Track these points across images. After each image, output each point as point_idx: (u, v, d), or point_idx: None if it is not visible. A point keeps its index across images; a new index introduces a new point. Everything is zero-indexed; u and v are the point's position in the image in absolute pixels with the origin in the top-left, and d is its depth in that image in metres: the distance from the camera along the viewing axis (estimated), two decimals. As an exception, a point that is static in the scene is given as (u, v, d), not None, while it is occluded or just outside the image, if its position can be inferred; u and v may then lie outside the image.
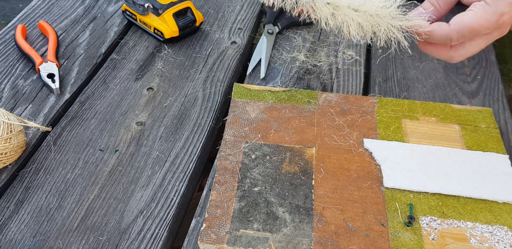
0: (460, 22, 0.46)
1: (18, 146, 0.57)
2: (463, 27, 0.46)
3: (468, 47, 0.49)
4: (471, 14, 0.46)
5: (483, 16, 0.45)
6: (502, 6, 0.44)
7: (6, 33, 0.77)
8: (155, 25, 0.75)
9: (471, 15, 0.46)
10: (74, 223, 0.52)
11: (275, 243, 0.49)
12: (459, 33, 0.46)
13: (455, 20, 0.47)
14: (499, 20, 0.45)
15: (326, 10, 0.50)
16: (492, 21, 0.45)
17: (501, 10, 0.45)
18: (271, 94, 0.66)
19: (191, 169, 0.58)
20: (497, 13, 0.45)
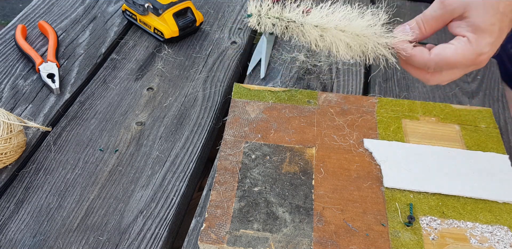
0: (440, 55, 0.46)
1: (18, 146, 0.57)
2: (442, 60, 0.46)
3: (445, 74, 0.49)
4: (452, 48, 0.46)
5: (462, 53, 0.45)
6: (482, 46, 0.45)
7: (6, 33, 0.77)
8: (155, 25, 0.75)
9: (452, 50, 0.46)
10: (74, 223, 0.52)
11: (275, 243, 0.49)
12: (437, 64, 0.47)
13: (436, 50, 0.47)
14: (477, 59, 0.46)
15: (315, 33, 0.52)
16: (470, 59, 0.46)
17: (481, 50, 0.45)
18: (271, 94, 0.66)
19: (191, 169, 0.58)
20: (476, 53, 0.45)
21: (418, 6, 0.88)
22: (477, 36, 0.45)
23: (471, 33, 0.45)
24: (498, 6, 0.43)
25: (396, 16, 0.85)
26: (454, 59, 0.46)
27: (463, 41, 0.46)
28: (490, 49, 0.46)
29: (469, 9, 0.45)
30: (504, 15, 0.44)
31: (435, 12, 0.47)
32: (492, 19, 0.44)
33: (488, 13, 0.44)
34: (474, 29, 0.45)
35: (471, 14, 0.45)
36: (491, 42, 0.45)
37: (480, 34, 0.45)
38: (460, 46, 0.46)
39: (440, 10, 0.46)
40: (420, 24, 0.49)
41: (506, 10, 0.44)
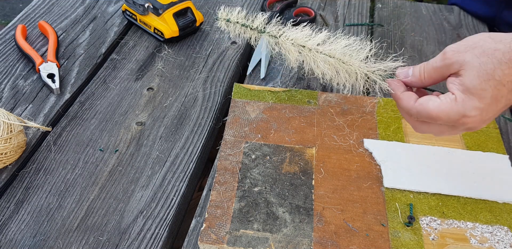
0: (423, 105, 0.45)
1: (18, 146, 0.57)
2: (423, 111, 0.45)
3: (432, 127, 0.47)
4: (436, 102, 0.44)
5: (445, 110, 0.43)
6: (468, 109, 0.42)
7: (6, 33, 0.77)
8: (155, 25, 0.75)
9: (436, 104, 0.44)
10: (74, 223, 0.52)
11: (275, 243, 0.49)
12: (419, 114, 0.45)
13: (421, 100, 0.46)
14: (460, 120, 0.43)
15: (291, 48, 0.53)
16: (451, 118, 0.43)
17: (465, 112, 0.43)
18: (271, 94, 0.66)
19: (191, 169, 0.58)
20: (460, 113, 0.43)
21: (418, 6, 0.88)
22: (465, 97, 0.43)
23: (460, 92, 0.43)
24: (494, 73, 0.41)
25: (396, 16, 0.86)
26: (435, 114, 0.44)
27: (450, 98, 0.43)
28: (478, 114, 0.43)
29: (464, 68, 0.43)
30: (500, 84, 0.41)
31: (435, 63, 0.45)
32: (484, 85, 0.41)
33: (480, 77, 0.42)
34: (464, 89, 0.43)
35: (464, 74, 0.43)
36: (479, 107, 0.42)
37: (469, 96, 0.42)
38: (444, 103, 0.44)
39: (440, 62, 0.45)
40: (421, 71, 0.47)
41: (504, 80, 0.41)
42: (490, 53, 0.41)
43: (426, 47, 0.79)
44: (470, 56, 0.42)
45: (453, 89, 0.44)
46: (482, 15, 0.85)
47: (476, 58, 0.42)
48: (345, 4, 0.88)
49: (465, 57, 0.42)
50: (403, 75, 0.49)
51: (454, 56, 0.43)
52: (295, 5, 0.87)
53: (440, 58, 0.45)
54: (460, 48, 0.43)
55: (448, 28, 0.83)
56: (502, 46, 0.41)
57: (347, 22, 0.83)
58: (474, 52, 0.42)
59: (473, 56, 0.42)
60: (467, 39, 0.44)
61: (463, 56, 0.43)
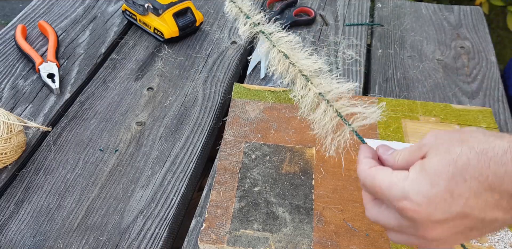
0: (373, 171, 0.39)
1: (18, 146, 0.57)
2: (369, 177, 0.39)
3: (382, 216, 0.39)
4: (387, 175, 0.38)
5: (390, 182, 0.37)
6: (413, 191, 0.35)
7: (6, 33, 0.77)
8: (155, 25, 0.75)
9: (386, 174, 0.38)
10: (74, 223, 0.52)
11: (275, 243, 0.49)
12: (365, 179, 0.40)
13: (376, 168, 0.40)
14: (400, 202, 0.36)
15: (277, 56, 0.49)
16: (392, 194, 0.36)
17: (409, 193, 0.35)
18: (271, 94, 0.66)
19: (191, 169, 0.58)
20: (402, 193, 0.36)
21: (418, 6, 0.88)
22: (416, 177, 0.36)
23: (416, 172, 0.36)
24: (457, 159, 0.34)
25: (396, 16, 0.86)
26: (378, 182, 0.38)
27: (402, 174, 0.37)
28: (424, 203, 0.34)
29: (430, 150, 0.36)
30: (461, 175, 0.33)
31: (412, 148, 0.39)
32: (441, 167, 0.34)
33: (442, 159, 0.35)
34: (420, 170, 0.36)
35: (427, 155, 0.36)
36: (426, 195, 0.34)
37: (420, 176, 0.35)
38: (394, 176, 0.37)
39: (416, 145, 0.39)
40: (398, 153, 0.41)
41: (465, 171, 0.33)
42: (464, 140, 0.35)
43: (426, 47, 0.79)
44: (442, 140, 0.37)
45: (411, 169, 0.37)
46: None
47: (448, 142, 0.36)
48: (345, 3, 0.88)
49: (437, 141, 0.37)
50: (382, 151, 0.43)
51: (428, 139, 0.37)
52: (295, 5, 0.87)
53: (417, 145, 0.39)
54: (439, 132, 0.38)
55: (448, 28, 0.83)
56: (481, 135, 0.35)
57: (347, 22, 0.83)
58: (449, 136, 0.37)
59: (445, 140, 0.36)
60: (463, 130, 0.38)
61: (435, 140, 0.37)
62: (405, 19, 0.85)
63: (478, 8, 0.89)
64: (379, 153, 0.43)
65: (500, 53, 1.79)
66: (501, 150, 0.32)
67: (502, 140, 0.33)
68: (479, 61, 0.76)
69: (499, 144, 0.32)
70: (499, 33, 1.93)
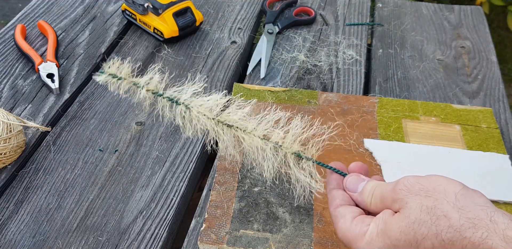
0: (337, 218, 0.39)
1: (17, 146, 0.56)
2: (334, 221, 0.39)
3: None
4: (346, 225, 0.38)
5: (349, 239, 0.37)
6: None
7: (5, 33, 0.77)
8: (155, 25, 0.75)
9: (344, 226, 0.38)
10: (74, 223, 0.52)
11: (275, 244, 0.48)
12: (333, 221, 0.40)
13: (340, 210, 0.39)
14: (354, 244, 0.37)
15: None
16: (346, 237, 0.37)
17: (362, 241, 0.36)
18: (271, 94, 0.66)
19: (191, 169, 0.58)
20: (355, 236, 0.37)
21: (418, 6, 0.88)
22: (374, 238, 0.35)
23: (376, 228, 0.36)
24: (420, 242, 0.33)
25: (396, 16, 0.85)
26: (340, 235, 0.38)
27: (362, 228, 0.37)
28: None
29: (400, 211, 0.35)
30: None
31: (385, 191, 0.38)
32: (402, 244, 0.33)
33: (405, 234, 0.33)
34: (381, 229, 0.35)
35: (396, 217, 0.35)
36: None
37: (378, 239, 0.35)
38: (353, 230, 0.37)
39: (390, 191, 0.37)
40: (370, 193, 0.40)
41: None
42: (436, 216, 0.32)
43: (426, 46, 0.79)
44: (414, 205, 0.34)
45: (374, 222, 0.36)
46: None
47: (418, 211, 0.33)
48: (345, 3, 0.88)
49: (410, 201, 0.34)
50: (351, 187, 0.41)
51: (401, 193, 0.36)
52: (295, 4, 0.87)
53: (391, 187, 0.37)
54: (415, 187, 0.35)
55: (449, 27, 0.83)
56: (456, 216, 0.32)
57: (347, 22, 0.83)
58: (423, 201, 0.34)
59: (416, 206, 0.34)
60: (432, 179, 0.36)
61: (408, 198, 0.35)
62: (405, 19, 0.85)
63: (479, 8, 0.89)
64: (348, 191, 0.41)
65: (500, 53, 1.79)
66: (470, 245, 0.31)
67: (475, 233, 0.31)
68: (480, 61, 0.76)
69: (470, 238, 0.31)
70: (499, 33, 1.93)
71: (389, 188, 0.37)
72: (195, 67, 0.73)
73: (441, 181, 0.35)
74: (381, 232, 0.35)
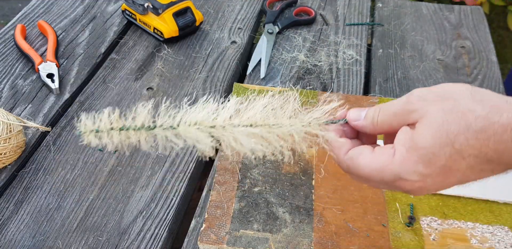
0: (353, 159, 0.37)
1: (17, 146, 0.56)
2: (352, 167, 0.37)
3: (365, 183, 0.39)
4: (368, 157, 0.36)
5: (377, 169, 0.35)
6: (407, 172, 0.34)
7: (5, 33, 0.77)
8: (155, 25, 0.75)
9: (367, 159, 0.36)
10: (74, 223, 0.52)
11: (275, 244, 0.48)
12: (348, 169, 0.38)
13: (353, 152, 0.37)
14: (395, 183, 0.35)
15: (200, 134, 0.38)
16: (385, 180, 0.35)
17: (402, 174, 0.34)
18: (271, 94, 0.66)
19: (191, 169, 0.58)
20: (395, 175, 0.34)
21: (418, 6, 0.88)
22: (406, 156, 0.34)
23: (404, 149, 0.34)
24: (455, 139, 0.32)
25: (396, 16, 0.85)
26: (366, 172, 0.36)
27: (386, 153, 0.35)
28: (420, 180, 0.34)
29: (422, 121, 0.34)
30: (459, 155, 0.32)
31: (395, 105, 0.36)
32: (438, 149, 0.33)
33: (437, 138, 0.33)
34: (411, 146, 0.34)
35: (419, 128, 0.34)
36: (422, 173, 0.34)
37: (412, 156, 0.34)
38: (377, 159, 0.35)
39: (401, 105, 0.36)
40: (375, 114, 0.38)
41: (465, 151, 0.32)
42: (461, 113, 0.33)
43: (426, 46, 0.79)
44: (436, 109, 0.34)
45: (398, 143, 0.35)
46: None
47: (442, 114, 0.33)
48: (346, 3, 0.88)
49: (430, 108, 0.34)
50: (354, 117, 0.39)
51: (418, 103, 0.35)
52: (295, 4, 0.87)
53: (402, 102, 0.36)
54: (429, 96, 0.35)
55: (449, 27, 0.83)
56: (480, 108, 0.32)
57: (348, 22, 0.83)
58: (442, 105, 0.34)
59: (438, 110, 0.33)
60: (443, 86, 0.36)
61: (427, 106, 0.34)
62: (405, 19, 0.85)
63: (479, 8, 0.89)
64: (351, 121, 0.39)
65: (500, 53, 1.79)
66: (501, 128, 0.31)
67: (501, 116, 0.32)
68: (480, 61, 0.76)
69: (499, 121, 0.32)
70: (499, 33, 1.93)
71: (401, 103, 0.36)
72: (195, 67, 0.73)
73: (450, 85, 0.36)
74: (410, 148, 0.34)
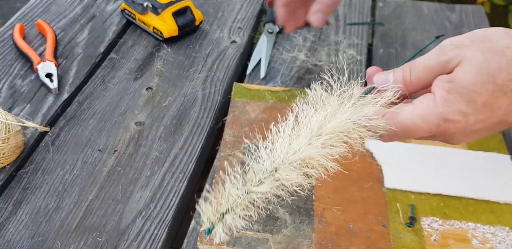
0: (394, 118, 0.36)
1: (16, 146, 0.56)
2: (395, 125, 0.36)
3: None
4: (410, 109, 0.35)
5: (423, 115, 0.35)
6: (450, 112, 0.34)
7: (4, 33, 0.77)
8: (154, 25, 0.75)
9: (410, 111, 0.35)
10: (73, 224, 0.51)
11: (275, 244, 0.48)
12: (390, 132, 0.37)
13: (389, 113, 0.36)
14: (441, 126, 0.35)
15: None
16: (431, 124, 0.35)
17: (447, 115, 0.34)
18: (271, 94, 0.65)
19: (190, 169, 0.57)
20: (440, 117, 0.34)
21: (419, 5, 0.88)
22: (448, 98, 0.34)
23: (444, 91, 0.34)
24: (497, 75, 0.32)
25: (397, 15, 0.85)
26: (410, 122, 0.35)
27: (426, 99, 0.35)
28: (463, 119, 0.34)
29: (462, 63, 0.34)
30: (501, 91, 0.33)
31: (428, 60, 0.36)
32: (479, 86, 0.33)
33: (478, 75, 0.33)
34: (450, 88, 0.34)
35: (459, 69, 0.34)
36: (464, 112, 0.34)
37: (454, 96, 0.34)
38: (420, 106, 0.35)
39: (435, 59, 0.36)
40: (406, 72, 0.37)
41: (506, 86, 0.32)
42: (500, 50, 0.33)
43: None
44: (474, 51, 0.34)
45: (435, 88, 0.35)
46: None
47: (480, 53, 0.33)
48: (346, 3, 0.87)
49: (467, 52, 0.34)
50: (381, 81, 0.39)
51: (453, 51, 0.35)
52: (295, 4, 0.87)
53: (435, 54, 0.36)
54: (463, 42, 0.35)
55: (450, 27, 0.83)
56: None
57: (348, 21, 0.83)
58: (480, 46, 0.34)
59: (477, 51, 0.34)
60: (476, 31, 0.36)
61: (464, 51, 0.34)
62: (406, 19, 0.85)
63: (480, 8, 0.88)
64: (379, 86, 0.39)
65: (500, 53, 1.78)
66: None
67: None
68: (481, 60, 0.76)
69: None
70: (499, 32, 1.92)
71: (434, 55, 0.36)
72: (194, 66, 0.72)
73: (481, 29, 0.36)
74: (451, 89, 0.34)
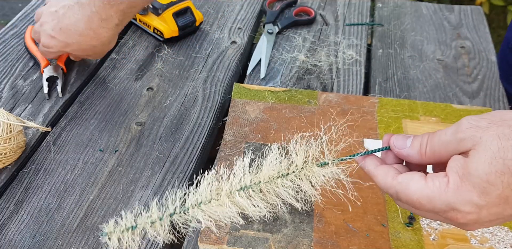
0: (403, 184, 0.36)
1: (17, 146, 0.56)
2: (402, 192, 0.36)
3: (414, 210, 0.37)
4: (420, 184, 0.35)
5: (429, 196, 0.34)
6: (461, 202, 0.32)
7: (5, 33, 0.77)
8: (155, 25, 0.75)
9: (419, 186, 0.35)
10: (74, 224, 0.52)
11: (275, 244, 0.48)
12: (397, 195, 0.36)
13: (403, 177, 0.36)
14: (447, 213, 0.34)
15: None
16: (436, 208, 0.34)
17: (455, 205, 0.33)
18: (271, 94, 0.66)
19: (191, 169, 0.58)
20: (448, 205, 0.33)
21: (418, 6, 0.88)
22: (460, 185, 0.33)
23: (458, 177, 0.33)
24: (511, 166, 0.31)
25: (396, 16, 0.85)
26: (416, 198, 0.35)
27: (439, 181, 0.34)
28: (475, 212, 0.32)
29: (476, 148, 0.33)
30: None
31: (444, 135, 0.35)
32: (494, 178, 0.31)
33: (493, 166, 0.31)
34: (464, 174, 0.33)
35: (473, 155, 0.33)
36: (477, 204, 0.32)
37: (467, 185, 0.32)
38: (430, 186, 0.34)
39: (451, 135, 0.35)
40: (423, 143, 0.37)
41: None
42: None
43: (426, 46, 0.79)
44: (490, 136, 0.32)
45: (450, 171, 0.34)
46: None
47: (496, 140, 0.32)
48: (345, 3, 0.88)
49: (483, 135, 0.33)
50: (399, 144, 0.39)
51: (469, 131, 0.33)
52: (295, 4, 0.87)
53: (452, 130, 0.35)
54: (481, 123, 0.34)
55: (449, 27, 0.83)
56: None
57: (347, 22, 0.83)
58: (497, 131, 0.32)
59: (493, 137, 0.32)
60: (494, 113, 0.34)
61: (480, 133, 0.33)
62: (405, 19, 0.85)
63: (479, 8, 0.89)
64: (395, 149, 0.39)
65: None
66: None
67: None
68: (480, 61, 0.76)
69: None
70: (499, 33, 1.93)
71: (450, 132, 0.35)
72: (195, 67, 0.73)
73: (503, 111, 0.35)
74: (464, 176, 0.33)
